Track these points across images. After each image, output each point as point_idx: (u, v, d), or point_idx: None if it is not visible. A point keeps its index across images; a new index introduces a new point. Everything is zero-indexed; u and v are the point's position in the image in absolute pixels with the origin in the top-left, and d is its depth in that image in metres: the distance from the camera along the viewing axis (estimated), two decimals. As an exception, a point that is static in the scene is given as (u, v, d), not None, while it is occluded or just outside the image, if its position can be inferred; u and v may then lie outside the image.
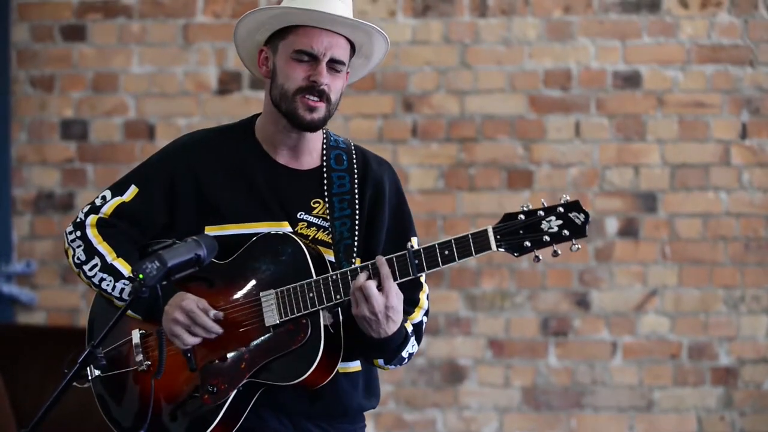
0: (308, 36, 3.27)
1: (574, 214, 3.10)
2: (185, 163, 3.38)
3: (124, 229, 3.38)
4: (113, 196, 3.42)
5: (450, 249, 3.13)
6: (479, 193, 5.93)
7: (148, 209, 3.38)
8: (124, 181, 3.44)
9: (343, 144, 3.43)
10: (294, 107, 3.28)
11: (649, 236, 5.89)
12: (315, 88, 3.26)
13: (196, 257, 3.15)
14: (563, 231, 3.09)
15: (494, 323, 5.91)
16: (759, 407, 5.86)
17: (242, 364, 3.25)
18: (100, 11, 6.09)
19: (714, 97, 5.87)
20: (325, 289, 3.20)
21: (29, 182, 6.12)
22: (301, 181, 3.36)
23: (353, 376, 3.37)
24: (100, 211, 3.42)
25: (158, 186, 3.38)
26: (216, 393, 3.26)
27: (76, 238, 3.41)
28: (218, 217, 3.33)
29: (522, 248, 3.11)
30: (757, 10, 5.86)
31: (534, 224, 3.10)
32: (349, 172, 3.38)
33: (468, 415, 5.93)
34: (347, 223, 3.33)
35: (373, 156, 3.46)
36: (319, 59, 3.26)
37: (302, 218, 3.34)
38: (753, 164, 5.87)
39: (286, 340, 3.23)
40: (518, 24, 5.93)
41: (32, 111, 6.12)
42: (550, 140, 5.92)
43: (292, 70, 3.28)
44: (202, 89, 6.05)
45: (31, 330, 5.99)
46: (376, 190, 3.39)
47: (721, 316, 5.87)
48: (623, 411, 5.89)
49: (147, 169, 3.44)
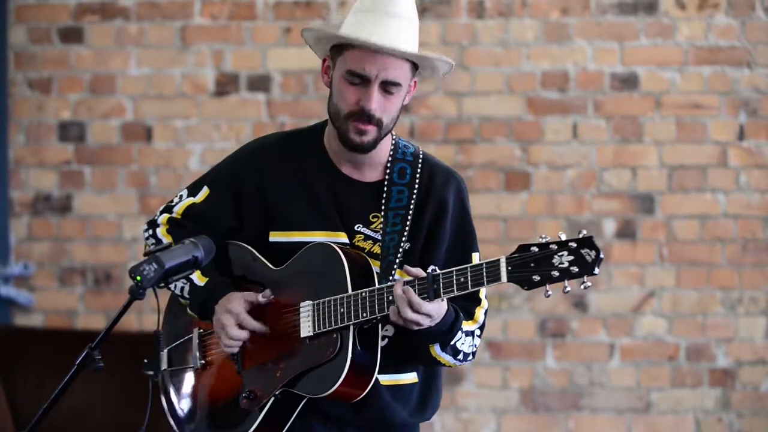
0: (361, 57, 3.25)
1: (586, 250, 3.07)
2: (254, 167, 3.40)
3: (193, 230, 3.39)
4: (188, 196, 3.46)
5: (465, 277, 3.10)
6: (477, 195, 5.92)
7: (217, 211, 3.41)
8: (199, 181, 3.48)
9: (411, 157, 3.41)
10: (345, 129, 3.28)
11: (647, 238, 5.89)
12: (364, 112, 3.25)
13: (194, 259, 3.15)
14: (572, 268, 3.06)
15: (492, 325, 5.91)
16: (756, 409, 5.87)
17: (277, 372, 3.28)
18: (98, 13, 6.09)
19: (711, 99, 5.88)
20: (354, 306, 3.20)
21: (27, 184, 6.12)
22: (363, 194, 3.36)
23: (404, 388, 3.37)
24: (173, 211, 3.46)
25: (227, 189, 3.41)
26: (253, 399, 3.29)
27: (149, 235, 3.47)
28: (281, 223, 3.35)
29: (531, 282, 3.08)
30: (755, 11, 5.86)
31: (545, 258, 3.07)
32: (409, 186, 3.36)
33: (466, 417, 5.93)
34: (395, 239, 3.32)
35: (441, 169, 3.44)
36: (371, 81, 3.25)
37: (360, 231, 3.34)
38: (750, 166, 5.87)
39: (317, 353, 3.24)
40: (516, 26, 5.93)
41: (30, 113, 6.12)
42: (547, 142, 5.92)
43: (345, 91, 3.26)
44: (199, 91, 6.05)
45: (29, 332, 5.99)
46: (439, 207, 3.37)
47: (718, 317, 5.87)
48: (621, 412, 5.89)
49: (219, 171, 3.47)
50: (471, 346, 3.35)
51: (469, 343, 3.34)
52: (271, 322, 3.32)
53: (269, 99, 6.00)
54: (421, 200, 3.36)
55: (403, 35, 3.31)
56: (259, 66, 6.03)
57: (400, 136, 3.48)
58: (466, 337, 3.33)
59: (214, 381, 3.39)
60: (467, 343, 3.34)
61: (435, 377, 3.44)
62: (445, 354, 3.31)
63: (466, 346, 3.34)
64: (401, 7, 3.32)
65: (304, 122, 5.96)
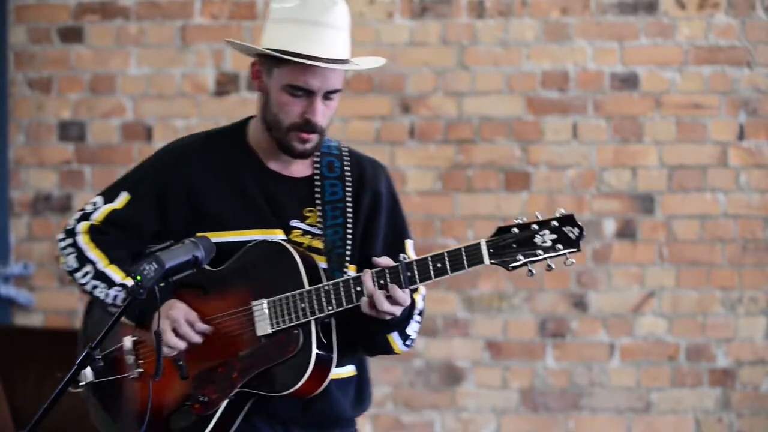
0: (305, 73, 3.21)
1: (568, 228, 3.06)
2: (177, 169, 3.35)
3: (115, 236, 3.36)
4: (104, 202, 3.39)
5: (442, 262, 3.11)
6: (477, 195, 5.93)
7: (140, 217, 3.35)
8: (114, 187, 3.41)
9: (336, 150, 3.39)
10: (287, 140, 3.25)
11: (647, 238, 5.89)
12: (309, 124, 3.23)
13: (194, 259, 3.15)
14: (557, 245, 3.06)
15: (492, 325, 5.91)
16: (757, 409, 5.87)
17: (234, 373, 3.23)
18: (98, 13, 6.09)
19: (711, 99, 5.88)
20: (317, 300, 3.18)
21: (27, 184, 6.12)
22: (294, 189, 3.34)
23: (345, 381, 3.35)
24: (91, 218, 3.39)
25: (149, 193, 3.35)
26: (207, 403, 3.24)
27: (68, 245, 3.39)
28: (211, 224, 3.29)
29: (515, 262, 3.08)
30: (755, 11, 5.86)
31: (527, 238, 3.07)
32: (341, 179, 3.35)
33: (466, 417, 5.93)
34: (339, 231, 3.30)
35: (368, 160, 3.43)
36: (315, 94, 3.22)
37: (296, 226, 3.31)
38: (750, 165, 5.87)
39: (278, 350, 3.21)
40: (516, 25, 5.93)
41: (30, 113, 6.12)
42: (547, 142, 5.92)
43: (287, 104, 3.23)
44: (199, 91, 6.05)
45: (29, 332, 5.99)
46: (374, 199, 3.37)
47: (718, 317, 5.87)
48: (621, 412, 5.89)
49: (138, 175, 3.41)
50: (415, 332, 3.35)
51: (415, 329, 3.34)
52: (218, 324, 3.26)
53: (269, 99, 6.00)
54: (355, 192, 3.35)
55: (341, 44, 3.24)
56: (259, 66, 6.02)
57: None
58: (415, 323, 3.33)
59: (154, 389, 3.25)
60: (415, 328, 3.34)
61: (367, 369, 3.43)
62: (399, 340, 3.31)
63: (413, 332, 3.34)
64: (336, 16, 3.23)
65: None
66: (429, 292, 3.48)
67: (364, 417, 3.48)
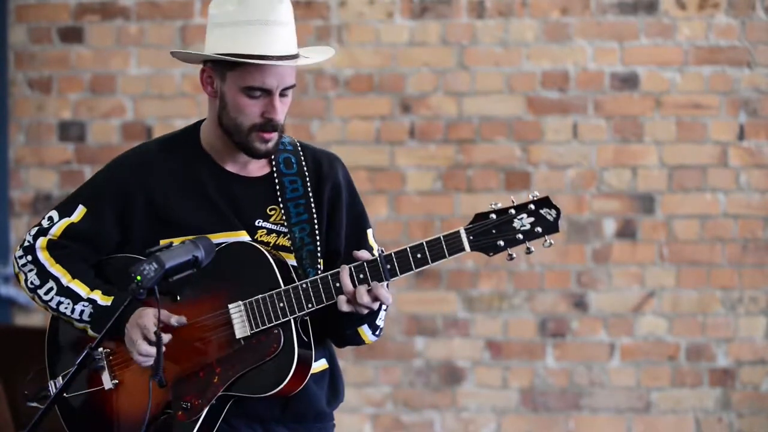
0: (261, 73, 3.21)
1: (546, 210, 3.07)
2: (134, 179, 3.32)
3: (76, 250, 3.31)
4: (60, 217, 3.32)
5: (422, 252, 3.11)
6: (477, 195, 5.93)
7: (99, 229, 3.31)
8: (70, 201, 3.36)
9: (290, 146, 3.38)
10: (248, 141, 3.24)
11: (647, 237, 5.89)
12: (269, 124, 3.22)
13: (194, 259, 3.14)
14: (536, 228, 3.07)
15: (492, 325, 5.91)
16: (757, 408, 5.87)
17: (215, 378, 3.21)
18: (98, 13, 6.09)
19: (711, 99, 5.88)
20: (296, 299, 3.17)
21: (27, 184, 6.12)
22: (254, 189, 3.32)
23: (319, 375, 3.33)
24: (48, 233, 3.32)
25: (107, 204, 3.31)
26: (190, 409, 3.21)
27: (27, 262, 3.34)
28: (175, 229, 3.26)
29: (496, 247, 3.09)
30: (755, 11, 5.86)
31: (506, 223, 3.08)
32: (300, 175, 3.34)
33: (466, 417, 5.93)
34: (306, 228, 3.29)
35: (323, 154, 3.42)
36: (273, 93, 3.22)
37: (261, 226, 3.30)
38: (751, 165, 5.87)
39: (259, 351, 3.19)
40: (516, 25, 5.93)
41: (30, 113, 6.12)
42: (547, 141, 5.92)
43: (246, 106, 3.23)
44: (199, 91, 6.04)
45: (29, 332, 5.98)
46: (334, 191, 3.36)
47: (718, 317, 5.87)
48: (621, 412, 5.89)
49: (94, 187, 3.37)
50: (383, 320, 3.35)
51: (383, 317, 3.34)
52: (194, 330, 3.23)
53: (269, 99, 6.00)
54: (315, 186, 3.34)
55: (290, 40, 3.24)
56: (259, 66, 6.02)
57: None
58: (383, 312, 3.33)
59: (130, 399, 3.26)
60: (383, 316, 3.34)
61: (337, 362, 3.43)
62: (369, 331, 3.31)
63: (381, 321, 3.34)
64: (281, 12, 3.22)
65: (304, 122, 5.97)
66: (429, 292, 3.48)
67: (363, 417, 3.49)
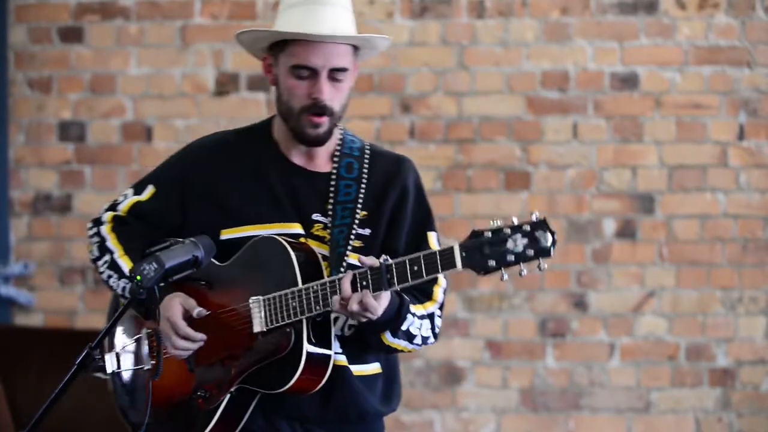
0: (305, 49, 3.25)
1: (540, 232, 2.99)
2: (200, 165, 3.39)
3: (136, 228, 3.41)
4: (133, 194, 3.44)
5: (419, 265, 3.08)
6: (477, 195, 5.93)
7: (162, 210, 3.39)
8: (144, 179, 3.46)
9: (358, 152, 3.41)
10: (300, 125, 3.29)
11: (647, 237, 5.89)
12: (317, 104, 3.25)
13: (194, 259, 3.15)
14: (527, 251, 2.99)
15: (492, 324, 5.91)
16: (757, 408, 5.87)
17: (232, 369, 3.25)
18: (98, 13, 6.09)
19: (711, 99, 5.88)
20: (306, 300, 3.18)
21: (27, 184, 6.12)
22: (315, 184, 3.36)
23: (370, 378, 3.35)
24: (118, 209, 3.44)
25: (173, 187, 3.39)
26: (208, 398, 3.26)
27: (94, 234, 3.45)
28: (233, 219, 3.32)
29: (486, 268, 3.02)
30: (755, 11, 5.86)
31: (499, 242, 3.00)
32: (357, 181, 3.36)
33: (466, 417, 5.93)
34: (344, 231, 3.30)
35: (392, 158, 3.45)
36: (319, 73, 3.25)
37: (317, 220, 3.33)
38: (751, 165, 5.87)
39: (271, 348, 3.22)
40: (516, 25, 5.93)
41: (30, 113, 6.12)
42: (547, 141, 5.92)
43: (294, 87, 3.27)
44: (199, 91, 6.05)
45: (29, 331, 5.99)
46: (400, 195, 3.38)
47: (718, 317, 5.87)
48: (621, 412, 5.89)
49: (164, 169, 3.46)
50: (429, 329, 3.34)
51: (427, 326, 3.33)
52: (220, 320, 3.28)
53: (269, 99, 6.00)
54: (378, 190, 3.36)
55: (340, 20, 3.27)
56: (259, 66, 6.01)
57: (347, 129, 3.48)
58: (420, 320, 3.31)
59: (164, 380, 3.33)
60: (424, 326, 3.33)
61: (395, 367, 3.44)
62: (398, 340, 3.30)
63: (424, 329, 3.33)
64: None
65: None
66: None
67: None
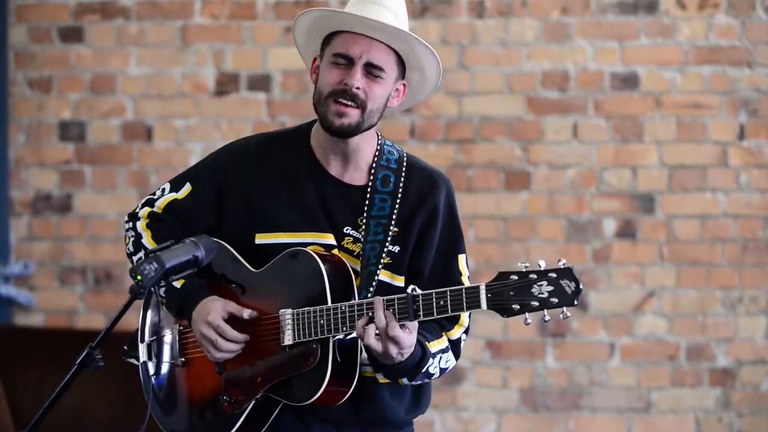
0: (346, 40, 3.26)
1: (566, 281, 3.03)
2: (237, 168, 3.38)
3: (171, 225, 3.41)
4: (170, 191, 3.44)
5: (445, 300, 3.09)
6: (477, 195, 5.93)
7: (197, 209, 3.40)
8: (182, 176, 3.46)
9: (395, 164, 3.39)
10: (325, 111, 3.28)
11: (647, 237, 5.89)
12: (347, 91, 3.25)
13: (194, 258, 3.15)
14: (552, 299, 3.04)
15: (492, 324, 5.91)
16: (757, 408, 5.87)
17: (259, 378, 3.27)
18: (98, 13, 6.09)
19: (712, 99, 5.88)
20: (334, 319, 3.18)
21: (27, 184, 6.12)
22: (349, 197, 3.35)
23: (400, 389, 3.36)
24: (154, 205, 3.45)
25: (210, 187, 3.39)
26: (234, 403, 3.29)
27: (129, 228, 3.46)
28: (264, 224, 3.32)
29: (510, 311, 3.08)
30: (755, 11, 5.86)
31: (525, 287, 3.05)
32: (392, 195, 3.35)
33: (466, 416, 5.93)
34: (377, 248, 3.30)
35: (428, 174, 3.42)
36: (355, 62, 3.25)
37: (348, 233, 3.33)
38: (751, 165, 5.87)
39: (298, 362, 3.23)
40: (516, 25, 5.93)
41: (30, 112, 6.12)
42: (547, 141, 5.92)
43: (329, 73, 3.28)
44: (199, 90, 6.05)
45: (29, 331, 5.99)
46: (431, 213, 3.36)
47: (718, 317, 5.87)
48: (621, 412, 5.89)
49: (202, 169, 3.45)
50: (448, 360, 3.35)
51: (446, 358, 3.35)
52: (249, 326, 3.29)
53: (269, 98, 6.00)
54: (410, 207, 3.34)
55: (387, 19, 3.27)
56: (260, 65, 6.03)
57: (386, 139, 3.47)
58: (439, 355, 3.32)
59: (193, 379, 3.37)
60: (443, 359, 3.33)
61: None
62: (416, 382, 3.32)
63: (443, 362, 3.34)
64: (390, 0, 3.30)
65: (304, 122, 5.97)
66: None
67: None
